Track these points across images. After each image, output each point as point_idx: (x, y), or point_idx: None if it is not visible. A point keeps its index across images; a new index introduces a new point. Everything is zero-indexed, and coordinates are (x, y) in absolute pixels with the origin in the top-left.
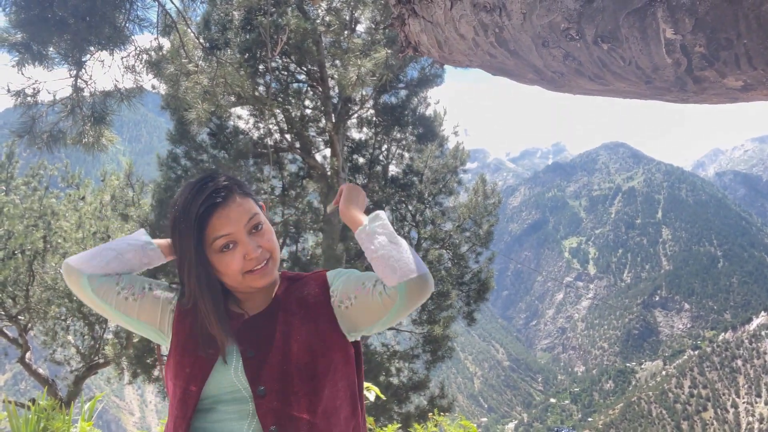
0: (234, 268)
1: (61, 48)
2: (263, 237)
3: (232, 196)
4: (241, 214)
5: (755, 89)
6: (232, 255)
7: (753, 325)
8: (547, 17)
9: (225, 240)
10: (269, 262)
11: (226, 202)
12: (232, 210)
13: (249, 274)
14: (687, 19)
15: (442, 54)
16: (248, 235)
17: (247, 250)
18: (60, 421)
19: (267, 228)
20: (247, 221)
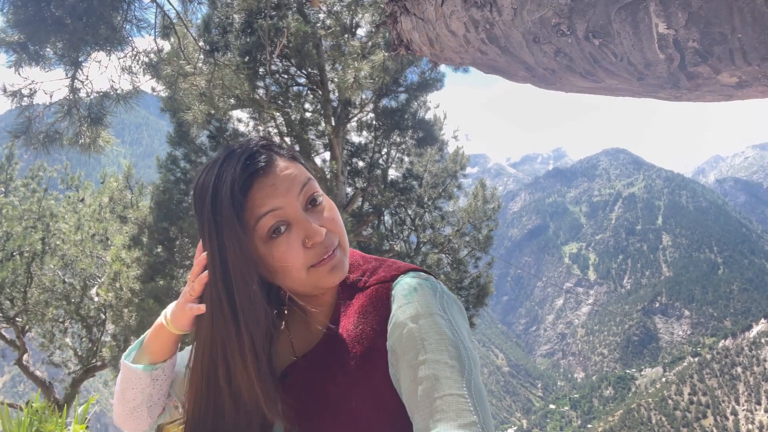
0: (293, 258)
1: (58, 48)
2: (326, 214)
3: (275, 158)
4: (291, 182)
5: (750, 86)
6: (287, 240)
7: (753, 333)
8: (537, 12)
9: (273, 218)
10: (337, 250)
11: (268, 167)
12: (278, 176)
13: (314, 269)
14: (680, 13)
15: (434, 52)
16: (305, 212)
17: (306, 232)
18: (53, 424)
19: (328, 203)
20: (300, 191)
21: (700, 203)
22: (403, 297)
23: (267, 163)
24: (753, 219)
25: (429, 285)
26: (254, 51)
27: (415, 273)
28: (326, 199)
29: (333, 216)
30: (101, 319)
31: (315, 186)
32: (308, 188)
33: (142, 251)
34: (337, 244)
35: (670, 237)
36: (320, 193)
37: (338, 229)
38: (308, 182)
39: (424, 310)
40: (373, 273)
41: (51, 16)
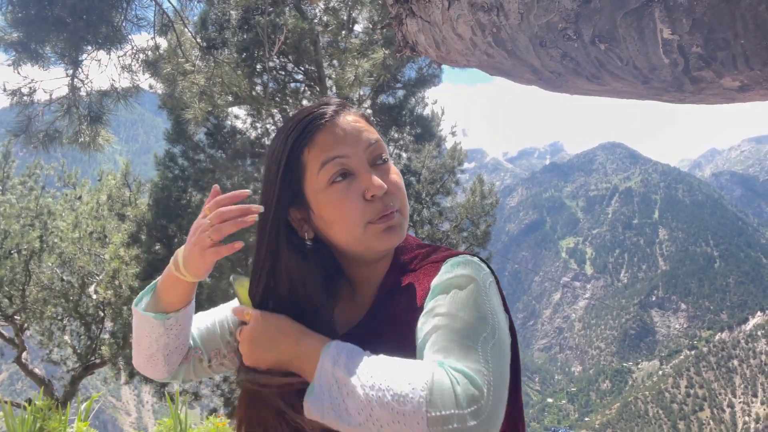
0: (351, 208)
1: (57, 47)
2: (390, 175)
3: (346, 111)
4: (359, 134)
5: (752, 89)
6: (347, 187)
7: (749, 325)
8: (544, 17)
9: (338, 165)
10: (397, 213)
11: (337, 116)
12: (348, 124)
13: (371, 225)
14: (684, 20)
15: (440, 54)
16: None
17: (367, 183)
18: (56, 421)
19: (395, 169)
20: (368, 145)
21: (697, 197)
22: (446, 268)
23: (337, 113)
24: (749, 212)
25: (477, 264)
26: (252, 48)
27: (469, 256)
28: (393, 165)
29: (398, 180)
30: (100, 316)
31: (384, 147)
32: (376, 147)
33: (141, 249)
34: (397, 207)
35: (667, 231)
36: (387, 156)
37: (400, 193)
38: (377, 142)
39: (463, 279)
40: (426, 257)
41: (51, 14)
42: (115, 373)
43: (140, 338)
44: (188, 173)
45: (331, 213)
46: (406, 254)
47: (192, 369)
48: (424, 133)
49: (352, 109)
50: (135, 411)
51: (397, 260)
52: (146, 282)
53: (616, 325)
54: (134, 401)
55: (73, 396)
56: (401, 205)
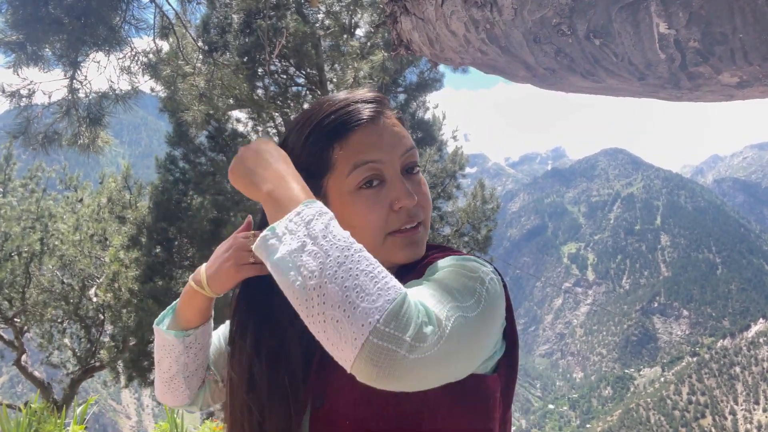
0: (376, 217)
1: (56, 49)
2: (420, 186)
3: (387, 112)
4: (399, 138)
5: (751, 86)
6: (375, 195)
7: (751, 332)
8: (538, 12)
9: (370, 170)
10: (421, 227)
11: (378, 117)
12: (386, 128)
13: (392, 237)
14: (681, 13)
15: (434, 52)
16: (402, 174)
17: (397, 193)
18: (52, 424)
19: (424, 179)
20: (404, 152)
21: (699, 203)
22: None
23: (378, 113)
24: (751, 219)
25: (485, 266)
26: (253, 51)
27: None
28: (422, 175)
29: (426, 191)
30: (100, 319)
31: (417, 155)
32: (411, 154)
33: (141, 252)
34: (422, 219)
35: (669, 237)
36: (419, 166)
37: (428, 206)
38: (413, 149)
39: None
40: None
41: (49, 16)
42: (115, 377)
43: (161, 360)
44: (189, 176)
45: (353, 218)
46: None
47: (209, 392)
48: (426, 138)
49: (389, 108)
50: (135, 414)
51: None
52: (146, 285)
53: (618, 331)
54: (134, 405)
55: (72, 399)
56: (426, 217)
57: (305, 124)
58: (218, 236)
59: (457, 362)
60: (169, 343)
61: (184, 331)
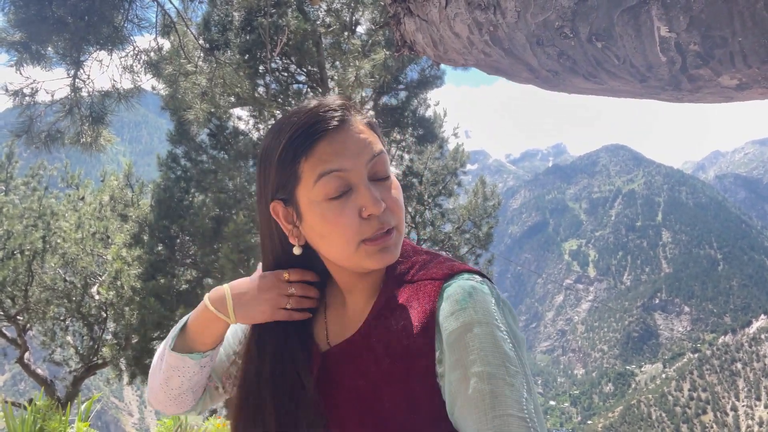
0: (346, 225)
1: (59, 48)
2: (390, 191)
3: (352, 118)
4: (365, 146)
5: (750, 88)
6: (343, 204)
7: (753, 329)
8: (541, 15)
9: (335, 178)
10: (394, 232)
11: (342, 125)
12: (351, 136)
13: (365, 245)
14: (681, 17)
15: (437, 53)
16: (369, 182)
17: (364, 201)
18: (57, 422)
19: (395, 183)
20: (370, 159)
21: (700, 199)
22: (456, 302)
23: (342, 121)
24: (753, 215)
25: (485, 290)
26: (254, 49)
27: (470, 275)
28: (394, 179)
29: (397, 197)
30: (102, 317)
31: (386, 160)
32: (379, 160)
33: (143, 250)
34: (394, 224)
35: (670, 233)
36: (389, 170)
37: (399, 210)
38: (380, 154)
39: (481, 317)
40: (423, 267)
41: (52, 15)
42: (117, 374)
43: (170, 379)
44: (190, 174)
45: (323, 227)
46: (403, 263)
47: (209, 398)
48: (427, 135)
49: (357, 114)
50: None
51: (392, 270)
52: (148, 283)
53: (619, 327)
54: (137, 402)
55: (75, 396)
56: (398, 221)
57: (275, 139)
58: (220, 234)
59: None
60: (185, 365)
61: (201, 353)
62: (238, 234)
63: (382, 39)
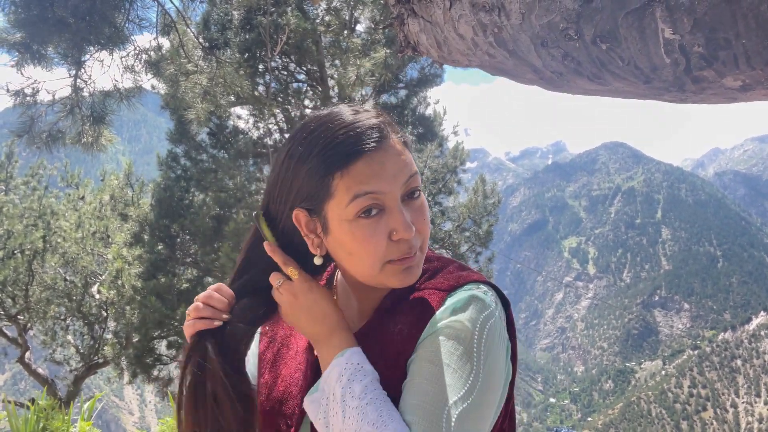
0: (375, 246)
1: (60, 48)
2: (420, 213)
3: (391, 138)
4: (401, 167)
5: (754, 89)
6: (374, 225)
7: (752, 325)
8: (545, 17)
9: (371, 200)
10: (417, 254)
11: (382, 144)
12: (390, 157)
13: (390, 266)
14: (686, 19)
15: (441, 54)
16: (402, 203)
17: (396, 225)
18: (59, 421)
19: (423, 200)
20: (407, 179)
21: (700, 196)
22: (450, 307)
23: (382, 140)
24: (752, 212)
25: (482, 303)
26: (254, 48)
27: (475, 284)
28: (423, 196)
29: (425, 216)
30: (103, 316)
31: (419, 180)
32: (413, 180)
33: (144, 249)
34: (419, 245)
35: (670, 230)
36: (420, 189)
37: (426, 230)
38: (415, 175)
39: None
40: (432, 276)
41: (53, 15)
42: (118, 373)
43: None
44: (190, 173)
45: (352, 245)
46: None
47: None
48: (426, 133)
49: (393, 132)
50: (138, 410)
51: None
52: (149, 282)
53: (619, 324)
54: (137, 401)
55: (76, 396)
56: (423, 241)
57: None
58: (220, 233)
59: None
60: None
61: None
62: (239, 233)
63: (382, 38)
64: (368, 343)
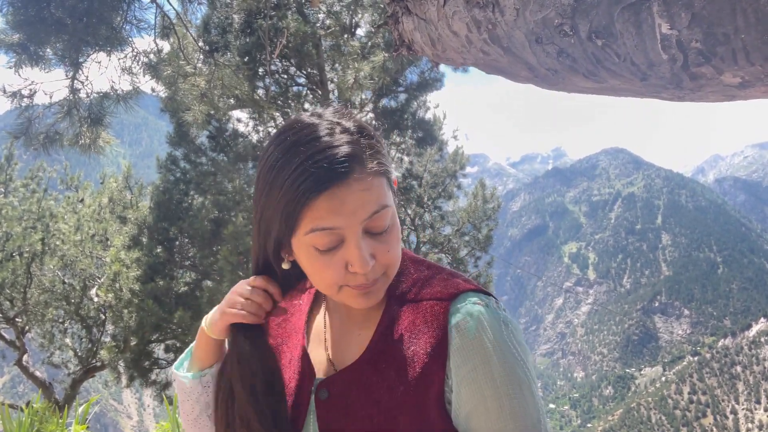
0: (330, 273)
1: (58, 49)
2: (384, 244)
3: (359, 168)
4: (363, 204)
5: (753, 86)
6: (331, 257)
7: (752, 332)
8: (540, 13)
9: (327, 235)
10: (379, 281)
11: (344, 180)
12: (351, 193)
13: (346, 289)
14: (683, 14)
15: (436, 52)
16: (364, 236)
17: (351, 258)
18: (54, 424)
19: (394, 231)
20: (369, 216)
21: (700, 202)
22: (466, 334)
23: (347, 174)
24: (752, 218)
25: (493, 315)
26: (254, 51)
27: (476, 296)
28: (396, 224)
29: (390, 247)
30: (101, 319)
31: (385, 215)
32: (379, 217)
33: (142, 252)
34: (379, 275)
35: (670, 236)
36: (391, 221)
37: (389, 259)
38: (381, 211)
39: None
40: (425, 284)
41: (51, 16)
42: (116, 377)
43: (183, 403)
44: (190, 176)
45: (313, 271)
46: (404, 281)
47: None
48: (426, 137)
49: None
50: (136, 414)
51: (393, 288)
52: (147, 285)
53: (619, 330)
54: (135, 404)
55: (74, 399)
56: (388, 267)
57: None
58: (219, 236)
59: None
60: (187, 386)
61: (200, 371)
62: (237, 236)
63: (381, 41)
64: (380, 367)
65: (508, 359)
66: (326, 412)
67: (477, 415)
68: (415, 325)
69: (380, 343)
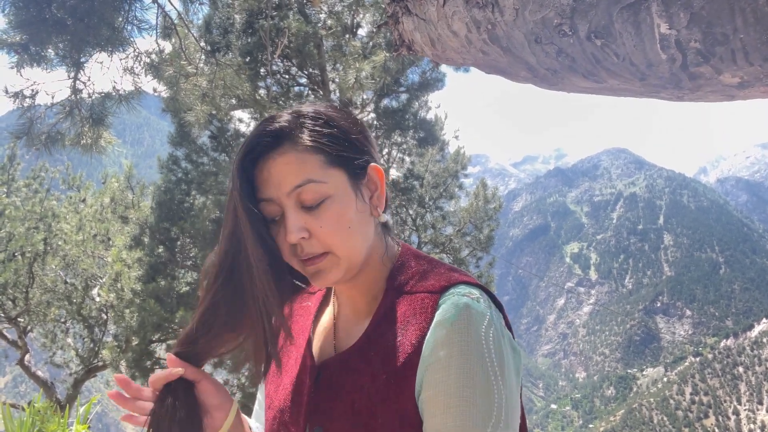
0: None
1: (59, 49)
2: (316, 219)
3: (288, 144)
4: (285, 176)
5: (752, 86)
6: (277, 229)
7: (755, 332)
8: (539, 13)
9: (269, 206)
10: (326, 257)
11: (269, 152)
12: (275, 166)
13: (298, 263)
14: (682, 14)
15: (436, 52)
16: (299, 209)
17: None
18: (55, 424)
19: (331, 210)
20: (292, 188)
21: (702, 203)
22: (442, 325)
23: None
24: (755, 218)
25: (480, 308)
26: (255, 51)
27: (467, 287)
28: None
29: (325, 222)
30: (103, 319)
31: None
32: (304, 191)
33: (144, 252)
34: (319, 252)
35: (672, 236)
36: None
37: (326, 235)
38: (305, 185)
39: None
40: (422, 278)
41: (52, 17)
42: None
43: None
44: (191, 176)
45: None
46: (404, 272)
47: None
48: (428, 137)
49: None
50: None
51: (393, 279)
52: (149, 285)
53: (621, 331)
54: None
55: (75, 399)
56: (330, 247)
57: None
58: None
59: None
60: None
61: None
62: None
63: (382, 41)
64: (369, 355)
65: (472, 358)
66: (317, 392)
67: (428, 407)
68: (405, 317)
69: (372, 332)
